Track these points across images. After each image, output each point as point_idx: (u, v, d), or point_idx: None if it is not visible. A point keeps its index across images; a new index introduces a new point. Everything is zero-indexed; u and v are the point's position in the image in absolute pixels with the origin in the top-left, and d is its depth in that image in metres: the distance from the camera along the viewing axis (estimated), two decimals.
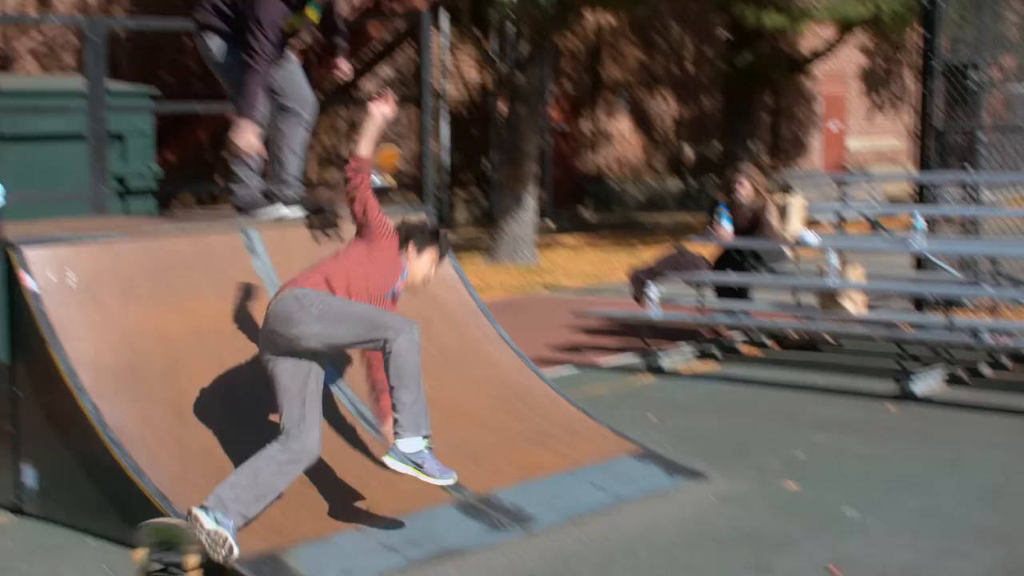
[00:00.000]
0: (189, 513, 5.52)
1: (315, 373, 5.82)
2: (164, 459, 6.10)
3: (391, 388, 5.68)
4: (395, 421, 5.72)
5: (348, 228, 7.70)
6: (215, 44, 7.66)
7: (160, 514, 5.74)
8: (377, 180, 7.51)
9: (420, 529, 6.11)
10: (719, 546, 6.10)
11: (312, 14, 7.76)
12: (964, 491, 7.00)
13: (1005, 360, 10.33)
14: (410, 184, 10.57)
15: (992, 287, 10.47)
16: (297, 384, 5.76)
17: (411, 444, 5.69)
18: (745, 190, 11.55)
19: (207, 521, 5.47)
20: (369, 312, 5.80)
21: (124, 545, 5.84)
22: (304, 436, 5.73)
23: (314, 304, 5.71)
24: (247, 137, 7.46)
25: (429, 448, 5.73)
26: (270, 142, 7.83)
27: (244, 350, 6.79)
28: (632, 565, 5.89)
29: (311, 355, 5.79)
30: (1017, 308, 11.73)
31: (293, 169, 7.88)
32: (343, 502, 6.21)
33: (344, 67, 8.06)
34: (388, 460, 5.71)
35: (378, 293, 5.97)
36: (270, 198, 7.83)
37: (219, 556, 5.46)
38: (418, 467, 5.68)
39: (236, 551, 5.45)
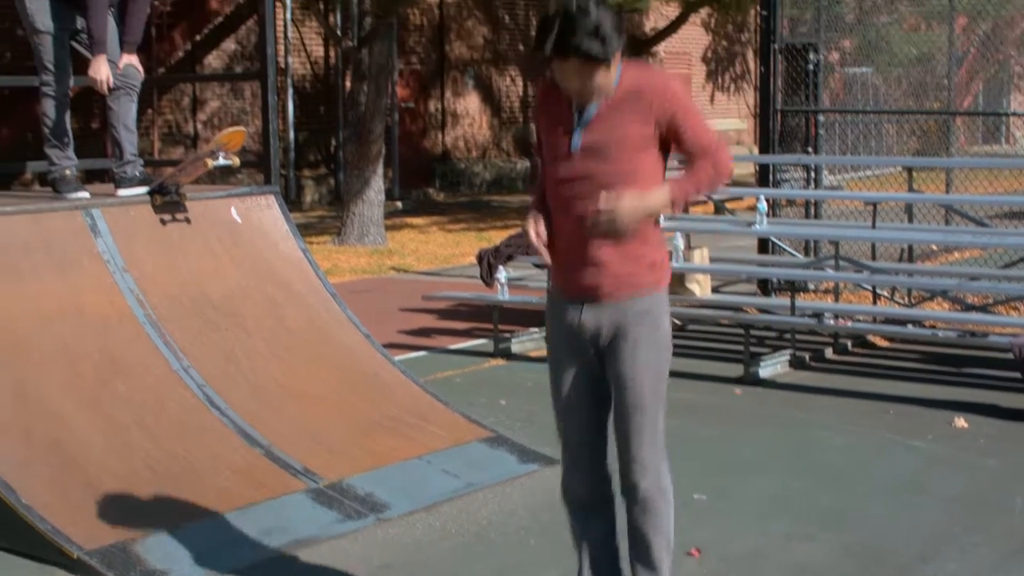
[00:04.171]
0: None
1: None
2: (7, 448, 5.93)
3: None
4: None
5: (191, 206, 7.57)
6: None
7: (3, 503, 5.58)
8: (221, 160, 7.39)
9: (273, 519, 6.03)
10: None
11: None
12: (809, 474, 7.12)
13: (847, 343, 10.53)
14: (255, 162, 10.30)
15: (833, 270, 10.66)
16: None
17: None
18: None
19: None
20: None
21: None
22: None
23: None
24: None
25: None
26: (107, 123, 7.81)
27: (89, 334, 6.62)
28: (485, 552, 5.89)
29: None
30: (858, 291, 12.00)
31: (131, 147, 7.76)
32: (194, 492, 6.09)
33: (100, 74, 7.53)
34: None
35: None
36: (116, 180, 7.74)
37: None
38: None
39: None
